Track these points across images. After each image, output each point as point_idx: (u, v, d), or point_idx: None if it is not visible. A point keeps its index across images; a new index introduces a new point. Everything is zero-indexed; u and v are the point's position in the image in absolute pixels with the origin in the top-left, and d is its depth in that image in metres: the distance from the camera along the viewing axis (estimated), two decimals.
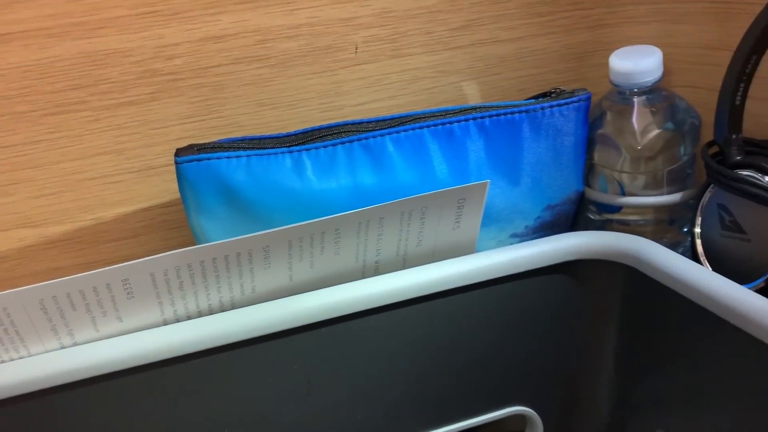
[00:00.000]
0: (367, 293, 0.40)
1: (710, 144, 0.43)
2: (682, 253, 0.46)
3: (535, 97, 0.47)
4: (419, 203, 0.40)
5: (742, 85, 0.40)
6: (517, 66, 0.52)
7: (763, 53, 0.40)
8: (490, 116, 0.44)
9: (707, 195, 0.42)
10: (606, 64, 0.46)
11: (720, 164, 0.41)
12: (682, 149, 0.46)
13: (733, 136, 0.41)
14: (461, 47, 0.50)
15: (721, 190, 0.42)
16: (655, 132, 0.45)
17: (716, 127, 0.42)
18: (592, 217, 0.49)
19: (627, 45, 0.50)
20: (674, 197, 0.45)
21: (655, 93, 0.45)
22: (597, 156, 0.47)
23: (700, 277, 0.37)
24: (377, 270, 0.43)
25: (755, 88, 0.44)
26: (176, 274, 0.37)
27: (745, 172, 0.40)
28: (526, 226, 0.47)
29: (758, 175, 0.40)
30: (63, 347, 0.36)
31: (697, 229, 0.43)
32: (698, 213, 0.43)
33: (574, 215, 0.49)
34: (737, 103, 0.40)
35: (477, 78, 0.51)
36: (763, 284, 0.40)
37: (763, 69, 0.44)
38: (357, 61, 0.48)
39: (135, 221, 0.47)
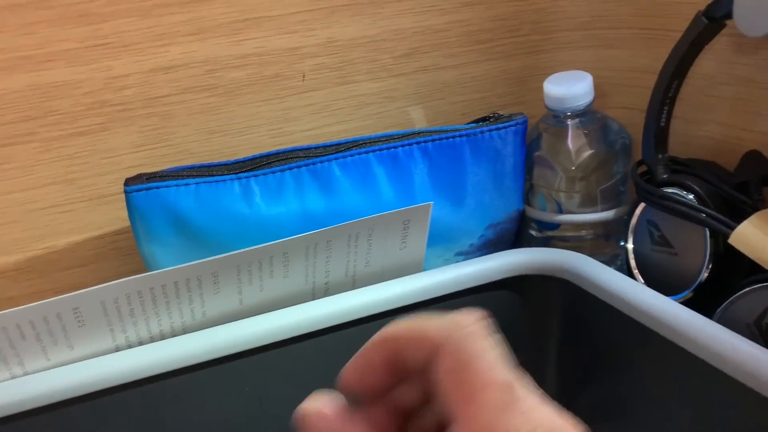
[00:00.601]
0: (317, 314, 0.41)
1: (639, 163, 0.46)
2: (619, 267, 0.48)
3: (476, 122, 0.49)
4: (365, 225, 0.42)
5: (666, 108, 0.43)
6: (459, 91, 0.54)
7: (683, 78, 0.42)
8: (432, 140, 0.46)
9: (637, 212, 0.45)
10: None
11: (648, 183, 0.44)
12: (614, 168, 0.48)
13: (660, 156, 0.44)
14: (406, 74, 0.52)
15: (650, 207, 0.44)
16: (589, 152, 0.47)
17: (644, 148, 0.44)
18: (534, 234, 0.52)
19: (563, 69, 0.52)
20: (608, 214, 0.48)
21: (588, 115, 0.48)
22: (535, 176, 0.49)
23: (629, 289, 0.39)
24: (327, 291, 0.44)
25: (680, 110, 0.47)
26: (127, 301, 0.37)
27: (670, 190, 0.43)
28: (471, 244, 0.49)
29: (683, 193, 0.42)
30: (13, 377, 0.37)
31: (630, 245, 0.45)
32: (630, 229, 0.45)
33: (516, 232, 0.51)
34: (662, 125, 0.43)
35: (422, 103, 0.53)
36: (690, 295, 0.42)
37: (686, 91, 0.47)
38: (305, 89, 0.49)
39: (86, 249, 0.48)
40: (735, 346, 0.33)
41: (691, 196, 0.42)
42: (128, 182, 0.41)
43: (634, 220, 0.45)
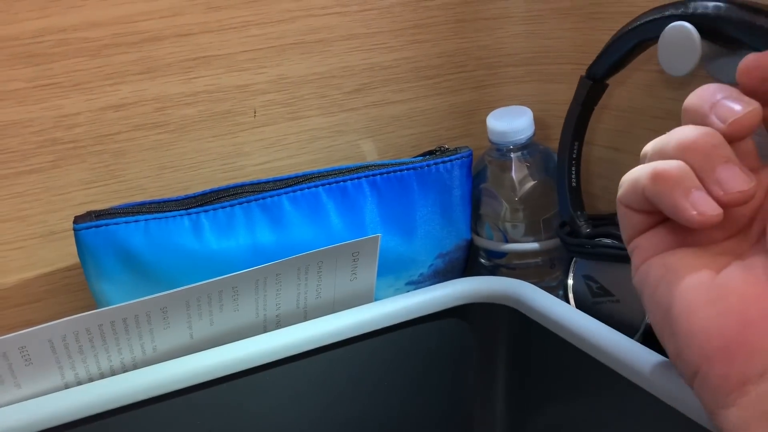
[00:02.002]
0: (268, 347, 0.41)
1: (562, 224, 0.47)
2: (565, 294, 0.50)
3: (423, 155, 0.50)
4: (314, 258, 0.42)
5: (573, 169, 0.44)
6: (409, 124, 0.55)
7: (583, 139, 0.44)
8: (381, 174, 0.47)
9: (572, 271, 0.46)
10: None
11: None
12: (556, 198, 0.50)
13: (579, 213, 0.45)
14: (356, 109, 0.53)
15: (583, 262, 0.45)
16: (531, 183, 0.49)
17: (561, 209, 0.45)
18: (483, 262, 0.53)
19: (508, 102, 0.54)
20: (551, 242, 0.49)
21: (530, 148, 0.50)
22: (482, 207, 0.51)
23: (569, 316, 0.40)
24: (279, 323, 0.45)
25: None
26: (75, 338, 0.38)
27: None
28: (421, 274, 0.50)
29: (610, 242, 0.43)
30: None
31: (572, 304, 0.46)
32: (569, 290, 0.46)
33: (465, 261, 0.52)
34: (573, 185, 0.45)
35: (372, 136, 0.55)
36: (640, 338, 0.43)
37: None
38: (256, 124, 0.50)
39: (38, 286, 0.47)
40: (674, 374, 0.34)
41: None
42: (77, 220, 0.41)
43: (570, 281, 0.46)
